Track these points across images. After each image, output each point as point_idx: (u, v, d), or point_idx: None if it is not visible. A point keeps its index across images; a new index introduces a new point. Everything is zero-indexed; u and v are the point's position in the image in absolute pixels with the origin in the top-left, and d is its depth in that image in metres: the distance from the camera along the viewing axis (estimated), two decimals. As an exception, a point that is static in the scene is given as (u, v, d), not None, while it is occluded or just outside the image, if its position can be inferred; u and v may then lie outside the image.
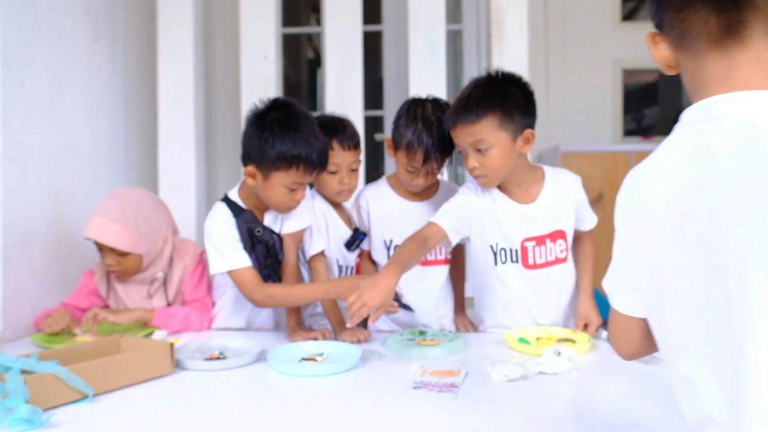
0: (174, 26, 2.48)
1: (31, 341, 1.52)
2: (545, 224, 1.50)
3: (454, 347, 1.38)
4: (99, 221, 1.56)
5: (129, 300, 1.71)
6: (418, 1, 2.46)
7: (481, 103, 1.37)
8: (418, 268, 1.66)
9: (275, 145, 1.43)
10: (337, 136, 1.61)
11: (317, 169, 1.49)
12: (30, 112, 1.85)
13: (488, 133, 1.36)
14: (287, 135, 1.43)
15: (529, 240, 1.49)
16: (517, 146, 1.41)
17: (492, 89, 1.40)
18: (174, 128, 2.50)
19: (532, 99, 1.46)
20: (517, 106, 1.39)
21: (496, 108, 1.37)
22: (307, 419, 0.98)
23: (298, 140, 1.43)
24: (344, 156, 1.62)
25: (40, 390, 1.00)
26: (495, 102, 1.37)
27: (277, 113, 1.48)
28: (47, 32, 1.95)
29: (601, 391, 1.10)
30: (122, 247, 1.57)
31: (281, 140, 1.42)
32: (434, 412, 1.00)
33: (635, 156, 3.33)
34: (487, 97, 1.38)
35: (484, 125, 1.36)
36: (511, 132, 1.38)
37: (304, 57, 5.90)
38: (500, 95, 1.39)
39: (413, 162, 1.55)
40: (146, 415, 1.01)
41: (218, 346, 1.40)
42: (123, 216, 1.57)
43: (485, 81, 1.43)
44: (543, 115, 3.72)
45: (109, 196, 1.65)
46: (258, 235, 1.53)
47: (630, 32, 3.86)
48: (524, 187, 1.50)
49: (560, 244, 1.52)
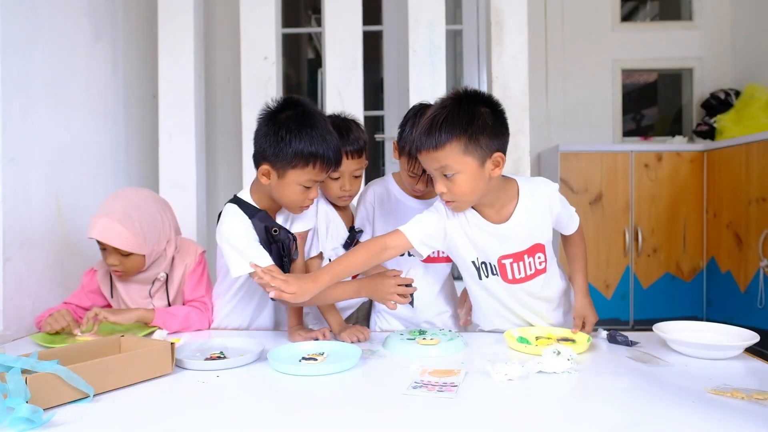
0: (174, 26, 2.48)
1: (32, 341, 1.52)
2: (521, 241, 1.45)
3: (454, 347, 1.38)
4: (103, 222, 1.56)
5: (130, 299, 1.71)
6: (418, 1, 2.46)
7: (444, 128, 1.28)
8: (420, 264, 1.66)
9: (292, 142, 1.41)
10: (342, 143, 1.57)
11: (332, 166, 1.47)
12: (30, 113, 1.85)
13: (453, 159, 1.29)
14: (304, 132, 1.41)
15: (505, 257, 1.45)
16: (486, 171, 1.32)
17: (457, 112, 1.30)
18: (174, 128, 2.50)
19: (503, 119, 1.36)
20: (484, 129, 1.30)
21: (460, 133, 1.28)
22: (307, 419, 0.98)
23: (314, 137, 1.41)
24: (348, 164, 1.60)
25: (40, 389, 1.00)
26: (459, 126, 1.28)
27: (291, 111, 1.46)
28: (47, 32, 1.95)
29: (601, 390, 1.10)
30: (126, 248, 1.57)
31: (298, 138, 1.41)
32: (434, 411, 1.00)
33: (634, 156, 3.34)
34: (451, 120, 1.29)
35: (448, 151, 1.29)
36: (478, 157, 1.30)
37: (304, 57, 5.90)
38: (466, 118, 1.29)
39: (414, 168, 1.54)
40: (146, 414, 1.01)
41: (218, 346, 1.40)
42: (127, 217, 1.57)
43: (450, 102, 1.33)
44: (543, 115, 3.77)
45: (113, 197, 1.65)
46: (275, 234, 1.51)
47: (629, 33, 3.87)
48: (497, 207, 1.43)
49: (539, 257, 1.48)
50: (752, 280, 2.92)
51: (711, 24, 3.81)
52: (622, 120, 3.90)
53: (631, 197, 3.34)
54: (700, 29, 3.82)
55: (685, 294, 3.34)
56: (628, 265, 3.34)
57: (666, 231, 3.34)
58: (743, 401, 1.01)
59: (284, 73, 3.00)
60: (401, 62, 3.02)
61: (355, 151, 1.62)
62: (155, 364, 1.19)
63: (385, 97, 3.34)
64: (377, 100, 3.41)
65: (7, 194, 1.73)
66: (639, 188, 3.34)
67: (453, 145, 1.29)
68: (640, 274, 3.34)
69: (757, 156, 2.91)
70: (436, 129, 1.29)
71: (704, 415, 0.95)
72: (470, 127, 1.29)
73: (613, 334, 1.45)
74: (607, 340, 1.45)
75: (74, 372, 1.04)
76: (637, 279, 3.34)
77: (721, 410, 0.97)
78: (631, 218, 3.35)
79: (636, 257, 3.34)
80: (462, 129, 1.29)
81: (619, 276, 3.33)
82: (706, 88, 3.80)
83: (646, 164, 3.33)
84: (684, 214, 3.34)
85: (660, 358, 1.28)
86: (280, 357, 1.29)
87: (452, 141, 1.28)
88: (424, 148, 1.32)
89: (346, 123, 1.66)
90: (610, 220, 3.34)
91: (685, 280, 3.34)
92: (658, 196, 3.34)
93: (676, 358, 1.28)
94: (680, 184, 3.34)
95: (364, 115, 2.50)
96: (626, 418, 0.95)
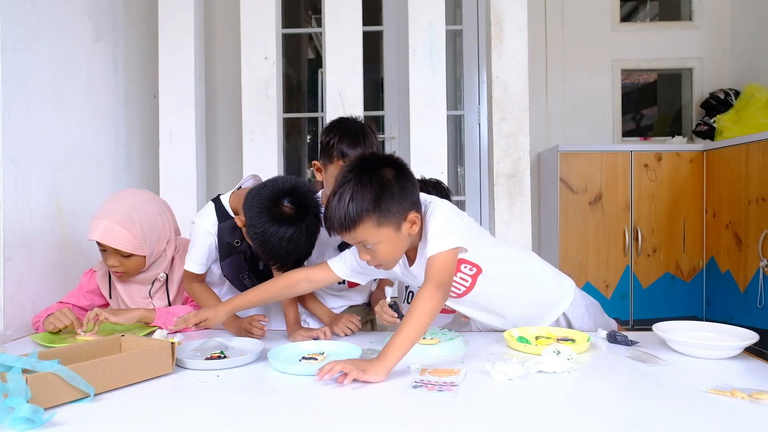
0: (175, 26, 2.48)
1: (32, 340, 1.52)
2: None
3: (454, 346, 1.38)
4: (104, 224, 1.56)
5: (130, 299, 1.71)
6: (418, 1, 2.46)
7: (350, 212, 1.25)
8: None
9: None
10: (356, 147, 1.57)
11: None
12: (30, 113, 1.85)
13: (369, 234, 1.27)
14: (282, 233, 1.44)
15: None
16: (403, 232, 1.30)
17: (361, 190, 1.25)
18: (174, 128, 2.50)
19: (407, 174, 1.32)
20: (392, 198, 1.26)
21: (369, 213, 1.25)
22: (307, 419, 0.98)
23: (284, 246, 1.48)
24: None
25: (41, 389, 1.00)
26: (367, 206, 1.24)
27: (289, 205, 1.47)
28: (47, 32, 1.95)
29: (601, 390, 1.10)
30: (127, 250, 1.58)
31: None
32: (434, 411, 1.00)
33: (634, 156, 3.34)
34: (358, 202, 1.25)
35: (362, 231, 1.26)
36: (393, 225, 1.27)
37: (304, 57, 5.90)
38: (371, 195, 1.25)
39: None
40: (147, 414, 1.02)
41: (218, 346, 1.40)
42: (128, 219, 1.58)
43: (353, 178, 1.27)
44: (542, 115, 3.78)
45: (113, 199, 1.65)
46: (236, 245, 1.63)
47: (629, 33, 3.87)
48: (414, 249, 1.40)
49: (464, 267, 1.43)
50: (752, 280, 2.92)
51: (710, 24, 3.81)
52: (622, 120, 3.90)
53: (631, 197, 3.34)
54: (700, 29, 3.82)
55: (685, 294, 3.34)
56: (627, 265, 3.34)
57: (666, 231, 3.34)
58: (743, 401, 1.01)
59: (284, 73, 3.00)
60: (401, 62, 3.02)
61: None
62: (155, 364, 1.20)
63: (385, 97, 3.34)
64: (377, 100, 3.41)
65: (7, 194, 1.73)
66: (638, 188, 3.34)
67: (365, 224, 1.26)
68: (639, 274, 3.34)
69: (757, 156, 2.91)
70: (344, 215, 1.26)
71: (704, 415, 0.95)
72: (378, 203, 1.25)
73: (613, 334, 1.45)
74: (607, 339, 1.45)
75: (75, 372, 1.04)
76: (636, 279, 3.34)
77: (721, 410, 0.97)
78: (630, 218, 3.35)
79: (636, 257, 3.34)
80: (370, 207, 1.25)
81: (619, 276, 3.33)
82: (705, 88, 3.80)
83: (646, 164, 3.33)
84: (684, 214, 3.34)
85: (660, 357, 1.28)
86: (280, 357, 1.29)
87: (363, 221, 1.25)
88: (338, 232, 1.30)
89: (363, 130, 1.63)
90: (609, 220, 3.34)
91: (684, 280, 3.34)
92: (657, 196, 3.34)
93: (676, 358, 1.28)
94: (680, 184, 3.34)
95: (364, 115, 2.50)
96: (626, 418, 0.95)
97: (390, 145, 3.25)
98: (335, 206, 1.27)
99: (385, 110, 3.35)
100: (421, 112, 2.53)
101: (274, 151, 2.54)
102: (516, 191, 2.47)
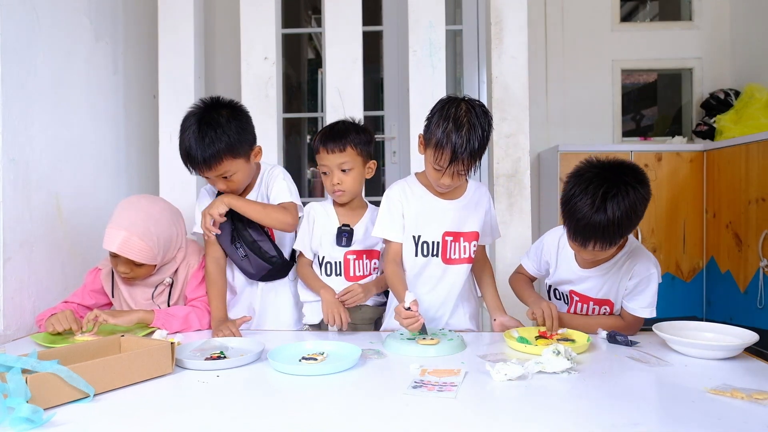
0: (175, 26, 2.48)
1: (32, 341, 1.52)
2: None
3: (454, 346, 1.38)
4: (123, 236, 1.55)
5: (132, 300, 1.71)
6: (418, 1, 2.46)
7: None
8: (439, 264, 1.66)
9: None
10: (327, 140, 1.72)
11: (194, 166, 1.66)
12: (30, 113, 1.85)
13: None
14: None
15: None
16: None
17: None
18: (174, 128, 2.49)
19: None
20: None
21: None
22: (307, 419, 0.98)
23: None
24: (330, 158, 1.71)
25: (41, 389, 1.00)
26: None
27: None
28: (47, 32, 1.95)
29: (601, 390, 1.10)
30: (144, 261, 1.59)
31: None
32: (434, 411, 1.00)
33: (634, 156, 3.34)
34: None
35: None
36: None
37: (304, 57, 5.90)
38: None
39: (440, 161, 1.53)
40: (147, 414, 1.02)
41: (218, 346, 1.40)
42: (147, 232, 1.58)
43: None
44: (542, 115, 3.77)
45: (130, 209, 1.62)
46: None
47: (629, 33, 3.87)
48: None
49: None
50: (752, 280, 2.92)
51: (710, 24, 3.81)
52: (622, 120, 3.90)
53: (631, 197, 3.34)
54: (700, 29, 3.82)
55: (685, 294, 3.34)
56: (627, 265, 3.34)
57: (666, 231, 3.34)
58: (743, 401, 1.01)
59: (284, 73, 3.00)
60: (401, 62, 3.02)
61: (336, 146, 1.70)
62: (155, 364, 1.20)
63: (385, 97, 3.34)
64: (377, 100, 3.41)
65: (7, 194, 1.73)
66: (639, 188, 3.34)
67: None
68: (639, 274, 3.34)
69: (757, 156, 2.91)
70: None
71: (704, 415, 0.95)
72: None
73: (613, 334, 1.45)
74: (607, 340, 1.45)
75: (75, 372, 1.04)
76: (636, 279, 3.34)
77: (721, 410, 0.97)
78: (630, 218, 3.35)
79: (636, 257, 3.34)
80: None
81: (619, 276, 3.34)
82: (705, 88, 3.80)
83: (646, 164, 3.33)
84: (684, 214, 3.34)
85: (660, 358, 1.28)
86: (280, 357, 1.29)
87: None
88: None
89: (336, 123, 1.78)
90: (609, 220, 3.34)
91: (684, 280, 3.34)
92: (657, 196, 3.34)
93: (676, 358, 1.28)
94: (680, 184, 3.34)
95: (364, 115, 2.50)
96: (626, 418, 0.95)
97: (390, 145, 3.25)
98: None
99: (385, 110, 3.34)
100: (421, 112, 2.51)
101: (274, 151, 2.54)
102: (516, 191, 2.47)
